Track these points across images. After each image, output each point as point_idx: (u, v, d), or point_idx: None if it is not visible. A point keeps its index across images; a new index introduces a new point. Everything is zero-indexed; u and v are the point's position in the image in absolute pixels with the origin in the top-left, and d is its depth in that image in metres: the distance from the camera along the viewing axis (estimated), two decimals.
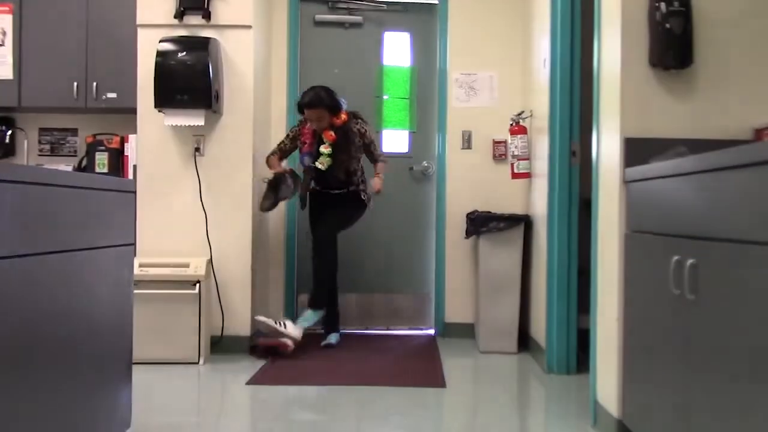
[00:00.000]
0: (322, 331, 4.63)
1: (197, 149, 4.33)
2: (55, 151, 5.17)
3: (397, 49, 5.24)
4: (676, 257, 2.08)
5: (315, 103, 4.30)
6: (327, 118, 4.35)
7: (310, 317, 4.35)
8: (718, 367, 1.83)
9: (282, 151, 4.57)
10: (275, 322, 4.17)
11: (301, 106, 4.37)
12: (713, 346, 1.86)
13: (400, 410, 3.19)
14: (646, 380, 2.39)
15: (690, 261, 1.98)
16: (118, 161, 4.77)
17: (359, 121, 4.53)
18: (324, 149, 4.39)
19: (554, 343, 3.92)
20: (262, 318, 4.18)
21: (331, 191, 4.54)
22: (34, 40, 4.76)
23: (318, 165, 4.40)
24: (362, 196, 4.56)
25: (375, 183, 4.49)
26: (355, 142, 4.45)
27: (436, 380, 3.74)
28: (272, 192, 4.35)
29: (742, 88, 2.63)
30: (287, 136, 4.61)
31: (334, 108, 4.36)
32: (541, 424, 3.08)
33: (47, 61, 4.75)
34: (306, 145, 4.45)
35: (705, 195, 1.93)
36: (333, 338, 4.56)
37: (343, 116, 4.41)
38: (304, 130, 4.47)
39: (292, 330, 4.19)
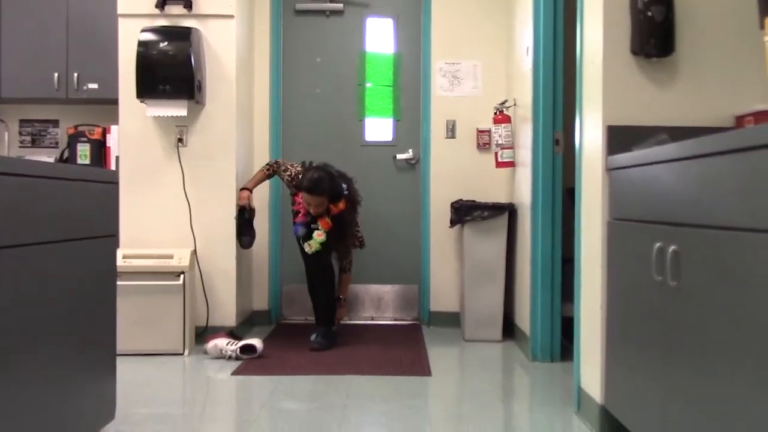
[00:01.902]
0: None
1: (180, 140, 4.31)
2: (36, 142, 5.12)
3: (380, 35, 5.21)
4: (658, 244, 2.10)
5: (316, 190, 4.07)
6: (325, 205, 4.15)
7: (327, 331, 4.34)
8: (698, 354, 1.85)
9: (276, 174, 4.43)
10: (226, 344, 3.97)
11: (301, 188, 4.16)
12: (694, 333, 1.88)
13: (386, 399, 3.21)
14: (629, 366, 2.41)
15: (672, 248, 1.99)
16: (100, 153, 4.74)
17: (357, 197, 4.36)
18: (317, 236, 4.18)
19: (538, 331, 3.95)
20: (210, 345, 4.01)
21: None
22: (14, 30, 4.71)
23: (306, 248, 4.24)
24: (356, 246, 4.50)
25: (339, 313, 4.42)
26: (353, 228, 4.34)
27: (422, 369, 3.76)
28: (246, 223, 4.27)
29: (723, 76, 2.64)
30: (290, 176, 4.34)
31: (335, 197, 4.18)
32: (525, 411, 3.11)
33: (27, 51, 4.71)
34: (300, 215, 4.25)
35: (687, 182, 1.94)
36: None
37: (341, 205, 4.20)
38: (298, 198, 4.25)
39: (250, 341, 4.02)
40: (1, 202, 1.77)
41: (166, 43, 4.07)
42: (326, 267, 4.38)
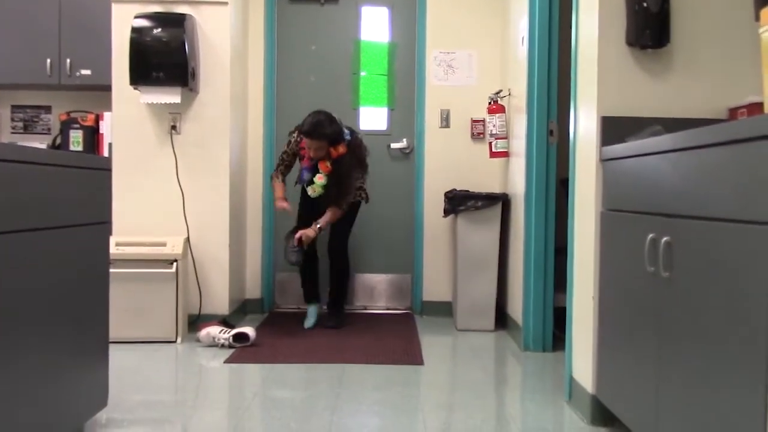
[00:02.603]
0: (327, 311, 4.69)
1: (173, 127, 4.29)
2: (28, 128, 5.09)
3: (375, 24, 5.20)
4: (651, 235, 2.11)
5: (315, 133, 4.17)
6: (325, 148, 4.23)
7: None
8: (690, 344, 1.86)
9: (286, 167, 4.48)
10: (218, 333, 3.97)
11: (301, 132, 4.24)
12: (686, 324, 1.88)
13: (379, 387, 3.22)
14: (621, 357, 2.43)
15: (665, 239, 2.00)
16: (93, 139, 4.72)
17: (360, 149, 4.42)
18: (318, 179, 4.29)
19: (531, 321, 3.96)
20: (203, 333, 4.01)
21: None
22: (6, 15, 4.67)
23: (309, 191, 4.34)
24: (360, 197, 4.53)
25: (308, 231, 4.29)
26: (351, 176, 4.35)
27: (414, 358, 3.77)
28: (293, 242, 4.29)
29: (717, 68, 2.65)
30: (285, 151, 4.45)
31: (335, 140, 4.24)
32: (517, 400, 3.12)
33: (19, 36, 4.67)
34: (305, 159, 4.34)
35: (680, 173, 1.94)
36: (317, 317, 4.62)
37: (341, 149, 4.26)
38: (303, 144, 4.32)
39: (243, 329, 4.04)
40: None
41: (159, 29, 4.04)
42: (346, 250, 4.57)
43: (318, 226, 4.33)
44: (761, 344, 1.51)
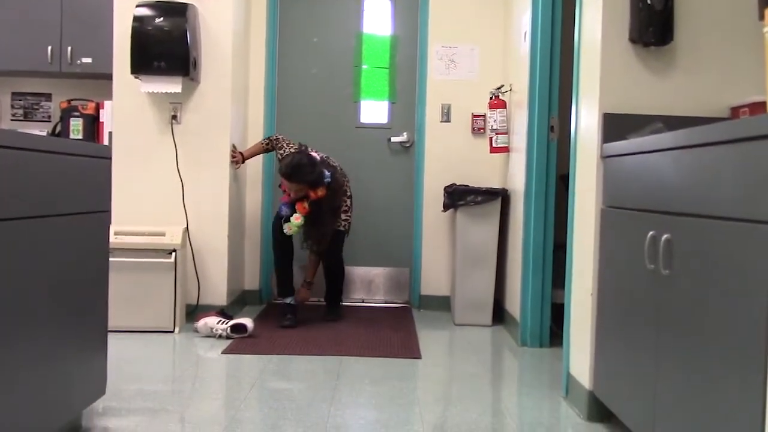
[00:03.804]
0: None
1: (174, 117, 4.29)
2: (28, 116, 5.08)
3: (377, 16, 5.19)
4: (651, 232, 2.11)
5: (294, 177, 4.08)
6: (305, 190, 4.16)
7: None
8: (688, 342, 1.86)
9: (271, 147, 4.45)
10: (216, 323, 3.98)
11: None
12: (685, 321, 1.89)
13: (376, 380, 3.22)
14: (619, 353, 2.43)
15: (665, 236, 2.00)
16: (93, 128, 4.71)
17: (339, 191, 4.36)
18: (294, 220, 4.21)
19: (528, 316, 3.97)
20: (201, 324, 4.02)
21: None
22: (8, 3, 4.66)
23: (285, 229, 4.26)
24: (341, 227, 4.46)
25: (302, 295, 4.49)
26: (328, 219, 4.30)
27: (412, 351, 3.77)
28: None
29: (720, 67, 2.65)
30: (277, 138, 4.42)
31: (315, 183, 4.16)
32: (513, 395, 3.13)
33: (21, 23, 4.66)
34: (285, 195, 4.28)
35: (681, 171, 1.94)
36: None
37: (320, 192, 4.18)
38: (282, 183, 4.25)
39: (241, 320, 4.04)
40: None
41: (161, 18, 4.03)
42: (341, 259, 4.61)
43: (307, 281, 4.53)
44: (761, 342, 1.51)
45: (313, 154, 4.23)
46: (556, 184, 3.97)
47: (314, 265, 4.56)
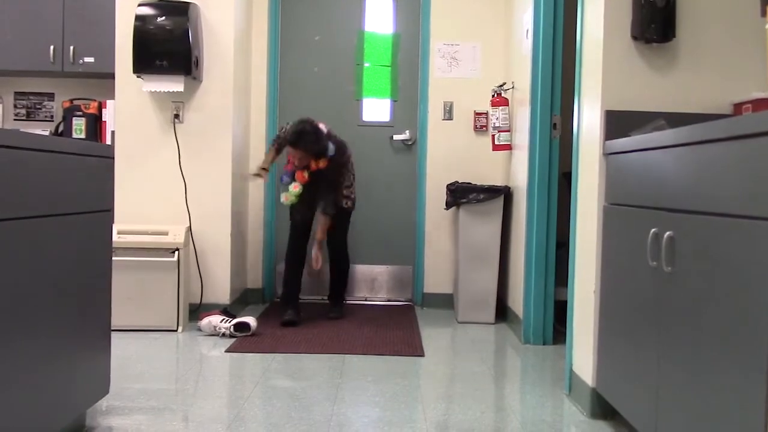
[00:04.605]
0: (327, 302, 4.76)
1: (176, 116, 4.29)
2: (31, 115, 5.09)
3: (379, 14, 5.18)
4: (653, 230, 2.11)
5: (298, 143, 4.10)
6: (308, 159, 4.18)
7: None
8: (691, 339, 1.86)
9: (280, 145, 4.40)
10: (220, 322, 3.98)
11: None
12: (688, 319, 1.89)
13: (379, 378, 3.22)
14: (622, 351, 2.43)
15: (667, 233, 2.00)
16: (95, 127, 4.72)
17: (343, 165, 4.38)
18: (293, 188, 4.24)
19: (531, 314, 3.97)
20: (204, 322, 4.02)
21: None
22: (10, 2, 4.66)
23: (282, 198, 4.29)
24: (344, 205, 4.46)
25: (314, 255, 4.38)
26: (331, 190, 4.31)
27: (415, 349, 3.77)
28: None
29: (722, 63, 2.64)
30: (278, 135, 4.42)
31: (318, 154, 4.19)
32: (516, 392, 3.13)
33: (23, 23, 4.66)
34: (288, 163, 4.32)
35: (684, 168, 1.94)
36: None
37: (322, 164, 4.21)
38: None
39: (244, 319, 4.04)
40: None
41: (163, 17, 4.03)
42: (346, 250, 4.60)
43: (317, 240, 4.41)
44: (763, 339, 1.51)
45: (320, 125, 4.24)
46: (558, 182, 3.97)
47: (324, 223, 4.39)
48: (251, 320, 3.97)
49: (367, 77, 5.19)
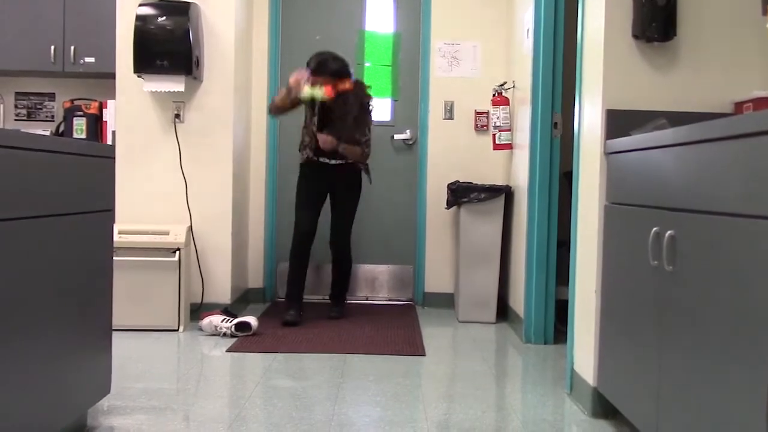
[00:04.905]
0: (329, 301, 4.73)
1: (177, 116, 4.29)
2: (31, 116, 5.09)
3: (379, 13, 5.18)
4: (655, 229, 2.11)
5: (321, 68, 4.15)
6: (332, 85, 4.18)
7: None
8: (692, 338, 1.86)
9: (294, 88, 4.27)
10: (221, 321, 3.97)
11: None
12: (689, 318, 1.88)
13: (380, 377, 3.22)
14: (623, 350, 2.43)
15: (669, 232, 2.00)
16: (96, 127, 4.72)
17: (369, 95, 4.39)
18: (318, 89, 4.15)
19: (532, 313, 3.97)
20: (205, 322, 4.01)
21: (329, 162, 4.35)
22: (11, 2, 4.66)
23: (302, 94, 4.15)
24: (360, 168, 4.42)
25: (324, 137, 4.19)
26: (353, 113, 4.28)
27: (416, 349, 3.77)
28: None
29: (723, 62, 2.64)
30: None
31: (339, 73, 4.19)
32: (518, 392, 3.13)
33: (23, 23, 4.66)
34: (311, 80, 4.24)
35: (685, 167, 1.94)
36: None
37: (347, 85, 4.23)
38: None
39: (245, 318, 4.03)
40: None
41: (164, 17, 4.03)
42: (349, 242, 4.52)
43: (339, 144, 4.24)
44: (765, 338, 1.51)
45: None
46: (559, 181, 3.97)
47: (349, 148, 4.31)
48: (252, 320, 3.97)
49: (368, 77, 5.18)
